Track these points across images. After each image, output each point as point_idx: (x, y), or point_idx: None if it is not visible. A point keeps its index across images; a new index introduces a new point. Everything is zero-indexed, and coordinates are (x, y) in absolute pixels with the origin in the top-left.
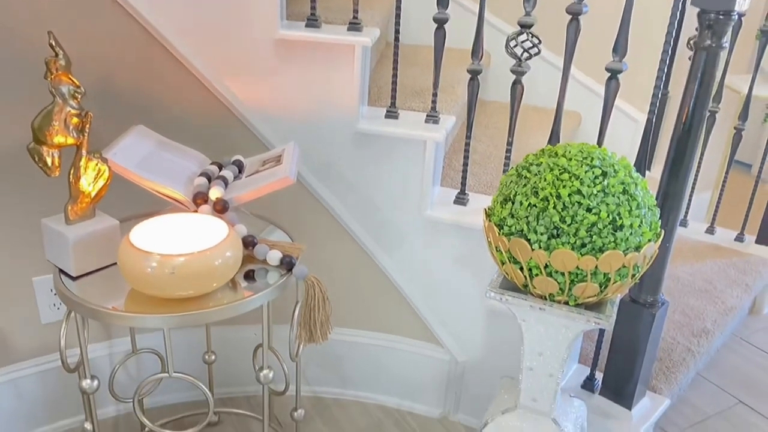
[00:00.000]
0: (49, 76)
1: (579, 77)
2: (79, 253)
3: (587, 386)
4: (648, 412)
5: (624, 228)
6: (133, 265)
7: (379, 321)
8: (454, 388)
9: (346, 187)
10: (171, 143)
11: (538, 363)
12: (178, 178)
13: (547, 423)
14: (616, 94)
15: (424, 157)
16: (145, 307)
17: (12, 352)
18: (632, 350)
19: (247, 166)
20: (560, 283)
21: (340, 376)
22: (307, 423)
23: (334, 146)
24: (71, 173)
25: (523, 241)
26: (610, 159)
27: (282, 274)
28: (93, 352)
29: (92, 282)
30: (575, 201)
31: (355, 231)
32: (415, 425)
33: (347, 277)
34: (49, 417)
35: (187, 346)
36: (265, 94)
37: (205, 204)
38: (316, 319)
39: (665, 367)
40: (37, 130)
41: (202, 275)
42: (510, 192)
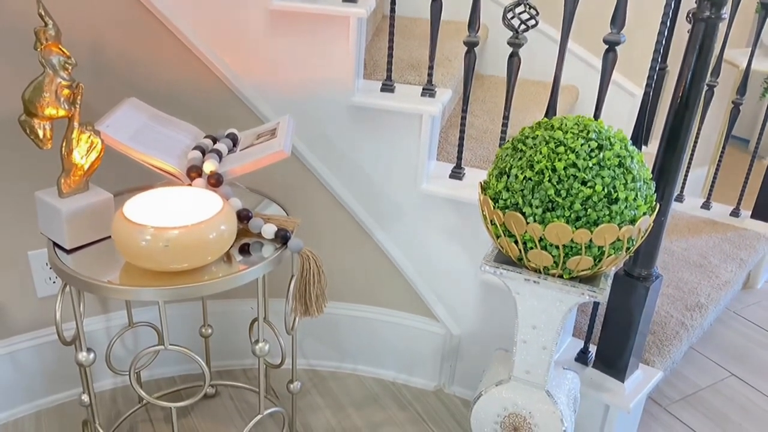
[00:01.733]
0: (38, 47)
1: (576, 51)
2: (73, 226)
3: (581, 359)
4: (640, 384)
5: (619, 201)
6: (127, 238)
7: (375, 295)
8: (449, 361)
9: (341, 161)
10: (164, 116)
11: (532, 336)
12: (171, 151)
13: (540, 395)
14: (613, 66)
15: (420, 131)
16: (140, 280)
17: (9, 326)
18: (625, 323)
19: (242, 140)
20: (555, 256)
21: (337, 350)
22: (304, 395)
23: (330, 120)
24: (63, 146)
25: (517, 214)
26: (606, 132)
27: (277, 247)
28: (90, 325)
29: (87, 255)
30: (570, 174)
31: (351, 205)
32: (411, 397)
33: (343, 251)
34: (48, 389)
35: (184, 320)
36: (260, 66)
37: (199, 177)
38: (311, 293)
39: (658, 340)
40: (27, 102)
41: (196, 248)
42: (505, 165)
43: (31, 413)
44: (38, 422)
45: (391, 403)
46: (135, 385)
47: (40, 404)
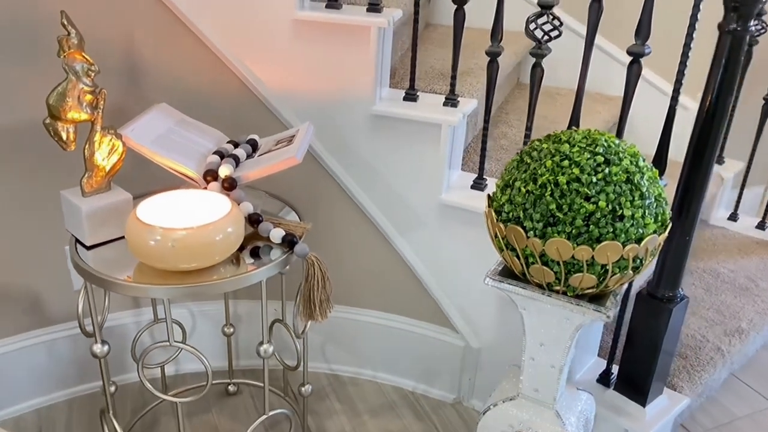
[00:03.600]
0: (61, 54)
1: (623, 59)
2: (93, 224)
3: (603, 380)
4: (664, 410)
5: (625, 219)
6: (138, 237)
7: (396, 303)
8: (468, 374)
9: (363, 168)
10: (192, 122)
11: (540, 353)
12: (192, 155)
13: (548, 414)
14: (637, 79)
15: (440, 140)
16: (151, 278)
17: (47, 316)
18: (648, 346)
19: (262, 146)
20: (556, 272)
21: (358, 356)
22: (322, 399)
23: (352, 128)
24: (86, 148)
25: (518, 228)
26: (616, 147)
27: (284, 251)
28: (121, 319)
29: (106, 252)
30: (573, 189)
31: (372, 213)
32: (429, 408)
33: (364, 257)
34: (80, 378)
35: (210, 319)
36: (284, 74)
37: (214, 181)
38: (315, 298)
39: (689, 365)
40: (51, 107)
41: (203, 249)
42: (510, 177)
43: (64, 400)
44: (70, 409)
45: (408, 412)
46: (141, 376)
47: (73, 392)
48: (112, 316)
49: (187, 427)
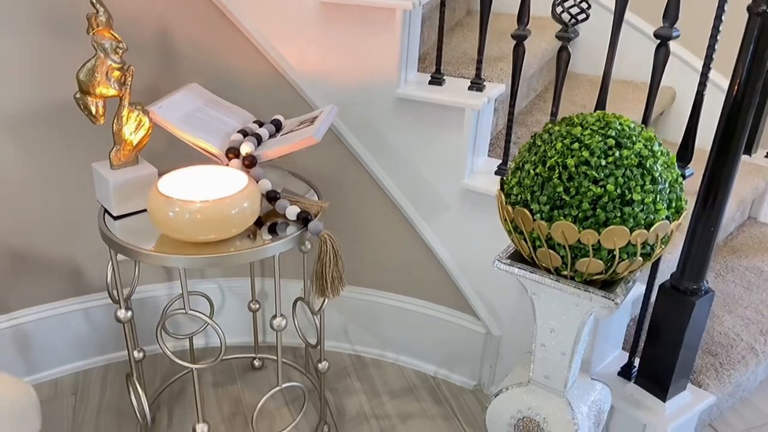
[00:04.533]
0: (90, 31)
1: (674, 49)
2: (119, 195)
3: (624, 373)
4: (686, 406)
5: (633, 203)
6: (158, 209)
7: (418, 287)
8: (489, 361)
9: (387, 151)
10: (221, 101)
11: (550, 340)
12: (216, 133)
13: (558, 402)
14: (665, 63)
15: (462, 124)
16: (171, 248)
17: (84, 285)
18: (670, 340)
19: (286, 126)
20: (563, 256)
21: (381, 339)
22: (343, 378)
23: (377, 111)
24: (114, 122)
25: (525, 210)
26: (631, 130)
27: (299, 228)
28: (153, 291)
29: (132, 223)
30: (582, 171)
31: (396, 196)
32: (448, 393)
33: (388, 240)
34: (116, 346)
35: (237, 295)
36: (311, 56)
37: (236, 158)
38: (327, 275)
39: (719, 363)
40: (81, 82)
41: (219, 221)
42: (521, 160)
43: (100, 365)
44: (105, 374)
45: (428, 396)
46: (160, 342)
47: (109, 358)
48: (144, 288)
49: (212, 396)
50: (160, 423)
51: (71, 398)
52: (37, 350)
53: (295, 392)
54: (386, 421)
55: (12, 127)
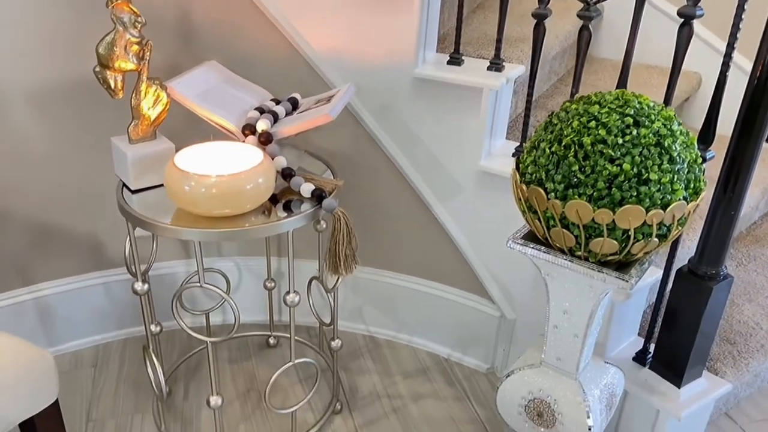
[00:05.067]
0: (109, 5)
1: (700, 32)
2: (137, 169)
3: (639, 359)
4: (701, 393)
5: (650, 183)
6: (174, 183)
7: (433, 270)
8: (503, 344)
9: (404, 132)
10: (239, 79)
11: (563, 321)
12: (233, 110)
13: (569, 383)
14: (688, 43)
15: (480, 105)
16: (187, 222)
17: (105, 259)
18: (687, 325)
19: (303, 104)
20: (576, 236)
21: (395, 320)
22: (356, 358)
23: (394, 91)
24: (133, 97)
25: (539, 189)
26: (650, 109)
27: (313, 205)
28: (173, 267)
29: (149, 197)
30: (598, 150)
31: (411, 177)
32: (461, 376)
33: (404, 222)
34: (135, 320)
35: (254, 274)
36: (330, 36)
37: (252, 135)
38: (340, 252)
39: (737, 351)
40: (100, 55)
41: (234, 196)
42: (537, 138)
43: (119, 339)
44: (124, 347)
45: (440, 378)
46: (177, 316)
47: (128, 332)
48: (164, 265)
49: (228, 372)
50: (177, 396)
51: (91, 370)
52: (58, 322)
53: (309, 370)
54: (398, 400)
55: (35, 102)
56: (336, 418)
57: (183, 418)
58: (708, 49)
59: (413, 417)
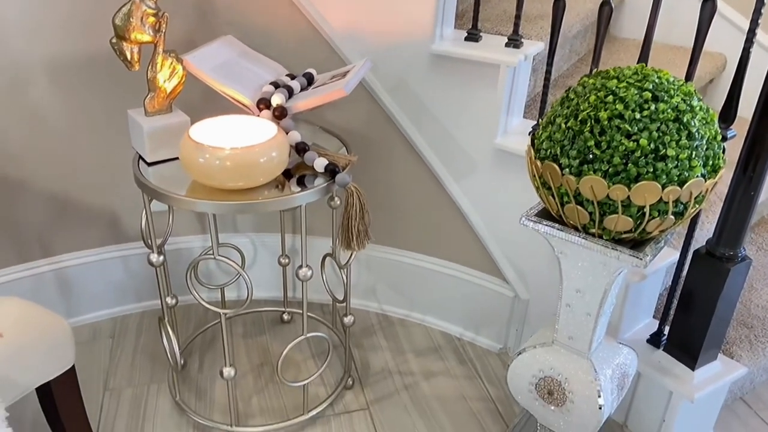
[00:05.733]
0: None
1: (725, 12)
2: (153, 142)
3: (653, 341)
4: (715, 376)
5: (667, 159)
6: (189, 155)
7: (447, 249)
8: (516, 325)
9: (420, 109)
10: (255, 54)
11: (576, 300)
12: (248, 84)
13: (581, 363)
14: (711, 19)
15: (497, 82)
16: (201, 194)
17: (123, 233)
18: (703, 307)
19: (318, 80)
20: (591, 213)
21: (408, 299)
22: (369, 335)
23: (411, 68)
24: (149, 69)
25: (554, 165)
26: (669, 84)
27: (326, 180)
28: (189, 242)
29: (165, 170)
30: (614, 125)
31: (426, 155)
32: (473, 355)
33: (419, 201)
34: (152, 294)
35: (269, 251)
36: (346, 11)
37: (266, 109)
38: (353, 227)
39: (754, 335)
40: (117, 26)
41: (247, 169)
42: (553, 114)
43: (137, 312)
44: (141, 320)
45: (452, 356)
46: (191, 287)
47: (146, 306)
48: (180, 240)
49: (242, 346)
50: (191, 367)
51: (108, 341)
52: (77, 294)
53: (321, 346)
54: (410, 377)
55: (54, 76)
56: (347, 393)
57: (197, 389)
58: (734, 29)
59: (424, 394)
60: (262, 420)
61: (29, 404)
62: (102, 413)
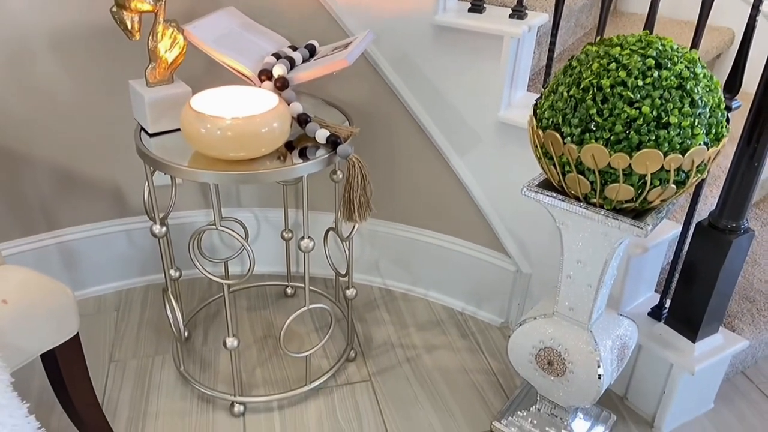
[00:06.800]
0: None
1: None
2: (154, 113)
3: (654, 314)
4: (716, 349)
5: (670, 127)
6: (190, 125)
7: (449, 223)
8: (517, 299)
9: (423, 82)
10: (257, 26)
11: (577, 271)
12: (250, 55)
13: (580, 333)
14: None
15: (501, 54)
16: (203, 165)
17: (127, 207)
18: (705, 279)
19: (321, 51)
20: (592, 182)
21: (411, 273)
22: (372, 309)
23: (414, 40)
24: (150, 39)
25: (555, 133)
26: (672, 51)
27: (328, 151)
28: (193, 217)
29: (167, 141)
30: (617, 93)
31: (429, 129)
32: (475, 329)
33: (422, 176)
34: (157, 268)
35: (273, 226)
36: None
37: (268, 80)
38: (354, 199)
39: (756, 309)
40: None
41: (249, 139)
42: (556, 83)
43: (141, 286)
44: (146, 294)
45: (454, 330)
46: (194, 257)
47: (150, 279)
48: (184, 214)
49: (246, 320)
50: (196, 340)
51: (114, 314)
52: (82, 267)
53: (324, 319)
54: (412, 350)
55: (57, 47)
56: (350, 365)
57: (202, 360)
58: (742, 3)
59: (426, 366)
60: (265, 390)
61: (36, 373)
62: (107, 384)
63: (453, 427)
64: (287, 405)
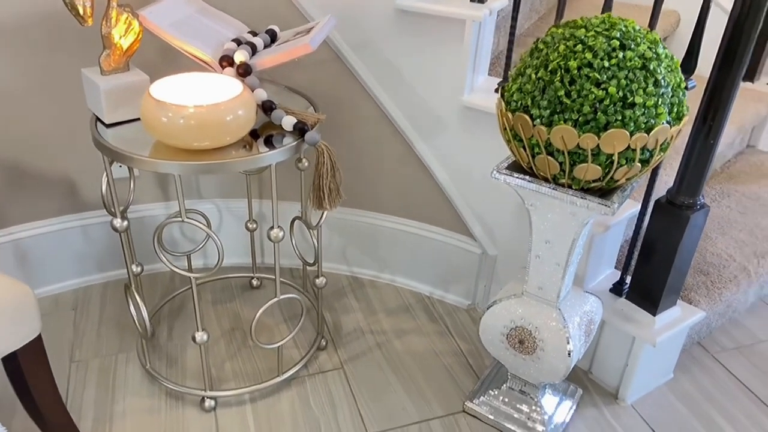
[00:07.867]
0: None
1: None
2: (111, 102)
3: (615, 290)
4: (675, 321)
5: (635, 107)
6: (151, 114)
7: (415, 209)
8: (483, 280)
9: (386, 67)
10: (214, 11)
11: (545, 251)
12: (210, 41)
13: (549, 312)
14: None
15: (463, 37)
16: (165, 155)
17: (82, 201)
18: (664, 254)
19: (282, 37)
20: (561, 163)
21: (378, 260)
22: (340, 297)
23: (375, 24)
24: (103, 24)
25: (525, 116)
26: (635, 32)
27: (295, 139)
28: (152, 210)
29: (125, 132)
30: (584, 74)
31: (393, 114)
32: (443, 312)
33: (386, 162)
34: (115, 264)
35: (236, 217)
36: None
37: (230, 67)
38: (324, 186)
39: (710, 281)
40: None
41: (213, 128)
42: (523, 65)
43: (99, 283)
44: (104, 291)
45: (423, 314)
46: (159, 251)
47: (108, 276)
48: (143, 207)
49: (212, 313)
50: (160, 336)
51: (71, 313)
52: (36, 266)
53: (293, 310)
54: (382, 336)
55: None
56: (321, 354)
57: (168, 357)
58: None
59: (397, 351)
60: (236, 384)
61: None
62: (69, 385)
63: (426, 409)
64: (259, 397)
